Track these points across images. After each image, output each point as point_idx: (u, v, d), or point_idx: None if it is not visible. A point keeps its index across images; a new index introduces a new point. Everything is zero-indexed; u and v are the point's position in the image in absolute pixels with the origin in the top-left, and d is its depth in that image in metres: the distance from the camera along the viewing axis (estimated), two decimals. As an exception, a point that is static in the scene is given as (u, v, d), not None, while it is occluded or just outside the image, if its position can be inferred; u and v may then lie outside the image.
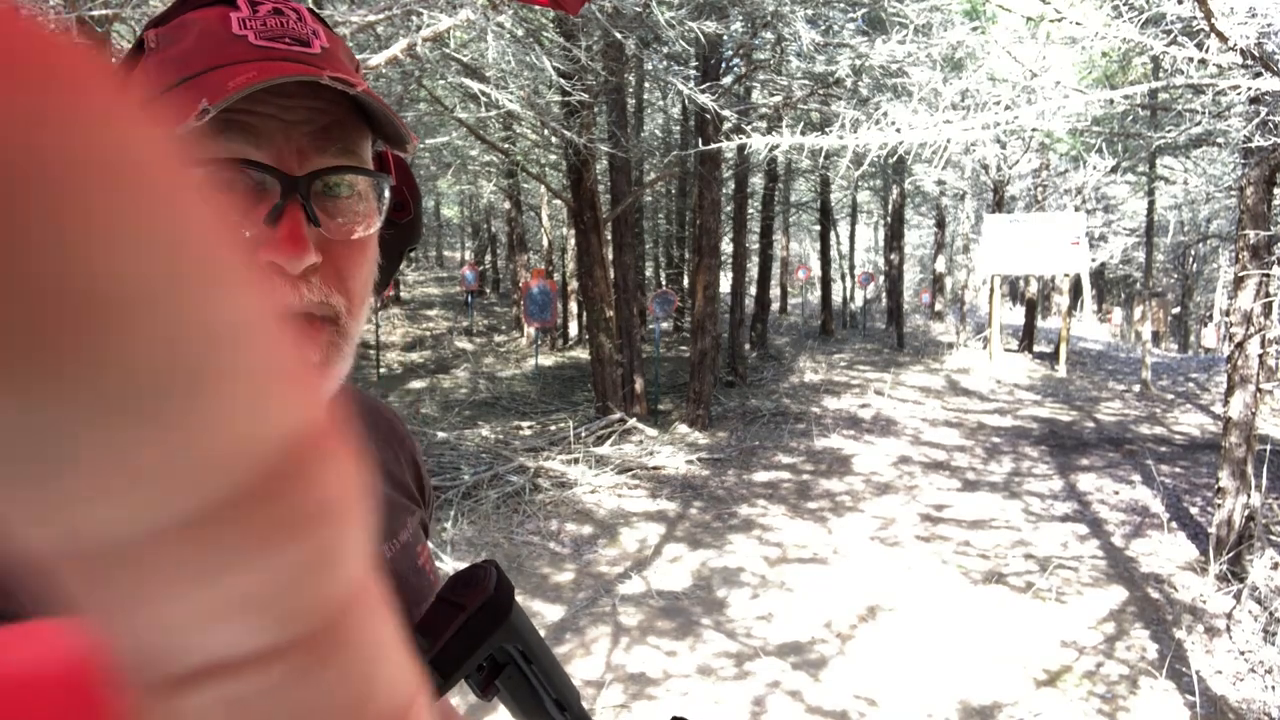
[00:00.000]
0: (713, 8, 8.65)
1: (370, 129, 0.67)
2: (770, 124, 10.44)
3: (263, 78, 0.58)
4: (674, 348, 16.94)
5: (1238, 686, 4.45)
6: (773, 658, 4.78)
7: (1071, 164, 16.57)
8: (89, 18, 3.52)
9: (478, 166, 16.25)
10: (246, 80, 0.58)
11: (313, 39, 0.66)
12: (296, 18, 0.66)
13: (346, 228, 0.66)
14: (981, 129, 5.09)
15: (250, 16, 0.64)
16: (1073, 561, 6.20)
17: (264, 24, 0.64)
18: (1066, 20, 5.23)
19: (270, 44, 0.63)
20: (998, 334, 16.14)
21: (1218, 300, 29.51)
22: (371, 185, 0.68)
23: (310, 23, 0.67)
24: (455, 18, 5.65)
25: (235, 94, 0.57)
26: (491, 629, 0.71)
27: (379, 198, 0.68)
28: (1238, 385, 5.78)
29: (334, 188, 0.65)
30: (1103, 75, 14.14)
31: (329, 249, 0.64)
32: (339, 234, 0.65)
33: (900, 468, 8.91)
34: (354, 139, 0.66)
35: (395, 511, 0.83)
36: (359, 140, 0.67)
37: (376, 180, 0.68)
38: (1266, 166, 5.78)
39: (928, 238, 29.80)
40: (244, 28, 0.63)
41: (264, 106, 0.61)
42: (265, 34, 0.64)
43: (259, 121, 0.61)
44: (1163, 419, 11.37)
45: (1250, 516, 5.75)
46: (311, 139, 0.63)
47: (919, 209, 25.75)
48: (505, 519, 6.98)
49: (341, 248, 0.66)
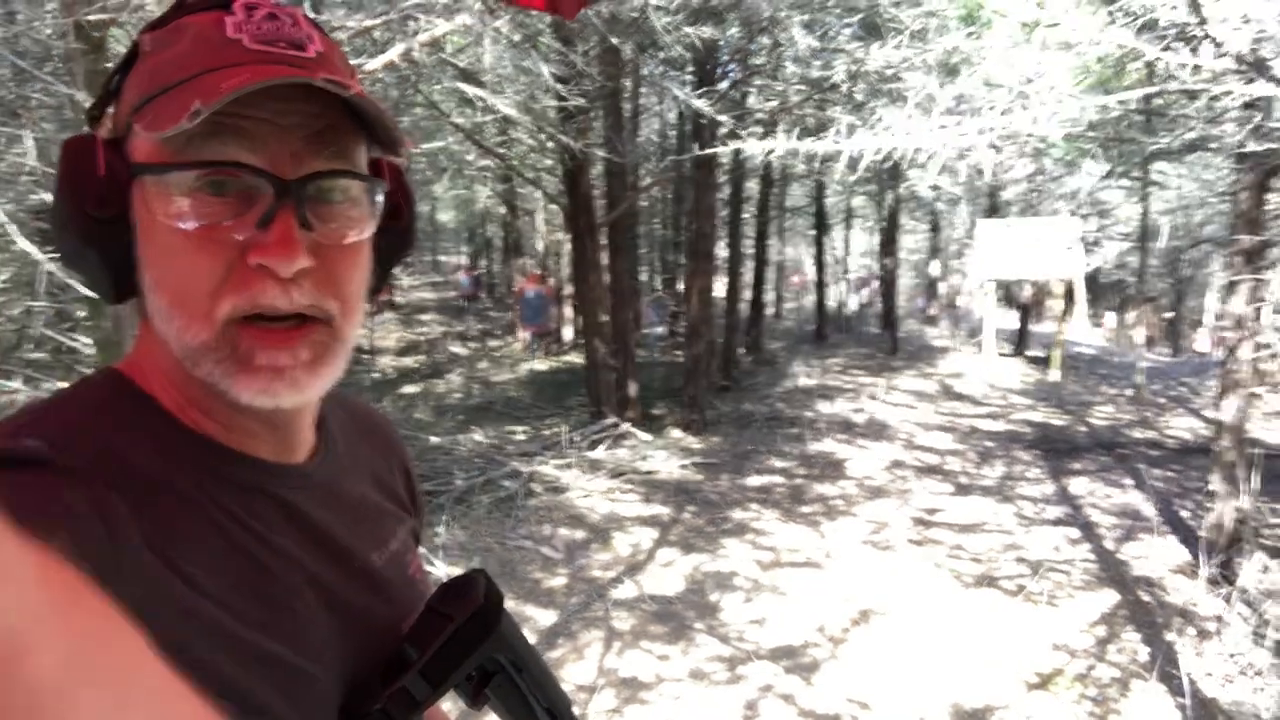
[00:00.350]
0: (709, 13, 8.66)
1: (365, 134, 0.67)
2: (766, 129, 10.43)
3: (257, 80, 0.59)
4: (668, 352, 16.94)
5: (1228, 689, 4.46)
6: (765, 662, 4.79)
7: (1066, 169, 16.61)
8: (85, 22, 3.52)
9: (473, 171, 16.22)
10: (239, 82, 0.58)
11: (308, 43, 0.66)
12: (291, 22, 0.66)
13: (339, 232, 0.66)
14: (976, 134, 5.11)
15: (245, 21, 0.64)
16: (1064, 565, 6.22)
17: (259, 28, 0.64)
18: (1062, 25, 5.26)
19: (265, 48, 0.64)
20: (991, 338, 16.17)
21: (1210, 305, 29.59)
22: (365, 190, 0.68)
23: (305, 27, 0.67)
24: (452, 23, 5.66)
25: (228, 95, 0.57)
26: (481, 639, 0.72)
27: (373, 203, 0.69)
28: (1230, 389, 5.81)
29: (327, 192, 0.65)
30: (1098, 80, 14.18)
31: (322, 254, 0.65)
32: (332, 239, 0.65)
33: (893, 472, 8.92)
34: (348, 143, 0.66)
35: (385, 520, 0.83)
36: (353, 145, 0.67)
37: (370, 185, 0.68)
38: (1260, 172, 5.80)
39: (922, 242, 29.85)
40: (238, 31, 0.64)
41: (257, 110, 0.61)
42: (260, 38, 0.64)
43: (252, 125, 0.61)
44: (1155, 423, 11.40)
45: (1241, 520, 5.77)
46: (305, 143, 0.64)
47: (914, 214, 25.78)
48: (498, 524, 6.98)
49: (334, 252, 0.66)
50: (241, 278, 0.62)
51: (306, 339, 0.65)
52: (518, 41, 8.26)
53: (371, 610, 0.75)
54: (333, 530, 0.74)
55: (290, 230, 0.62)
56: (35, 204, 5.45)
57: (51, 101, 5.94)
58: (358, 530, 0.77)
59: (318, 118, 0.64)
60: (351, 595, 0.73)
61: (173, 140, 0.60)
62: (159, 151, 0.62)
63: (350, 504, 0.78)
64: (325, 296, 0.65)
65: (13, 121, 5.09)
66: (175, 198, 0.61)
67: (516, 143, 12.94)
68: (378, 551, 0.79)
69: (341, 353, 0.68)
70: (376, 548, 0.79)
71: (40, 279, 5.20)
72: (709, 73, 10.07)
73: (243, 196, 0.62)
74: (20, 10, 5.57)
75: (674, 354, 16.34)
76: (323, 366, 0.66)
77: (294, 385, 0.64)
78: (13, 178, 5.22)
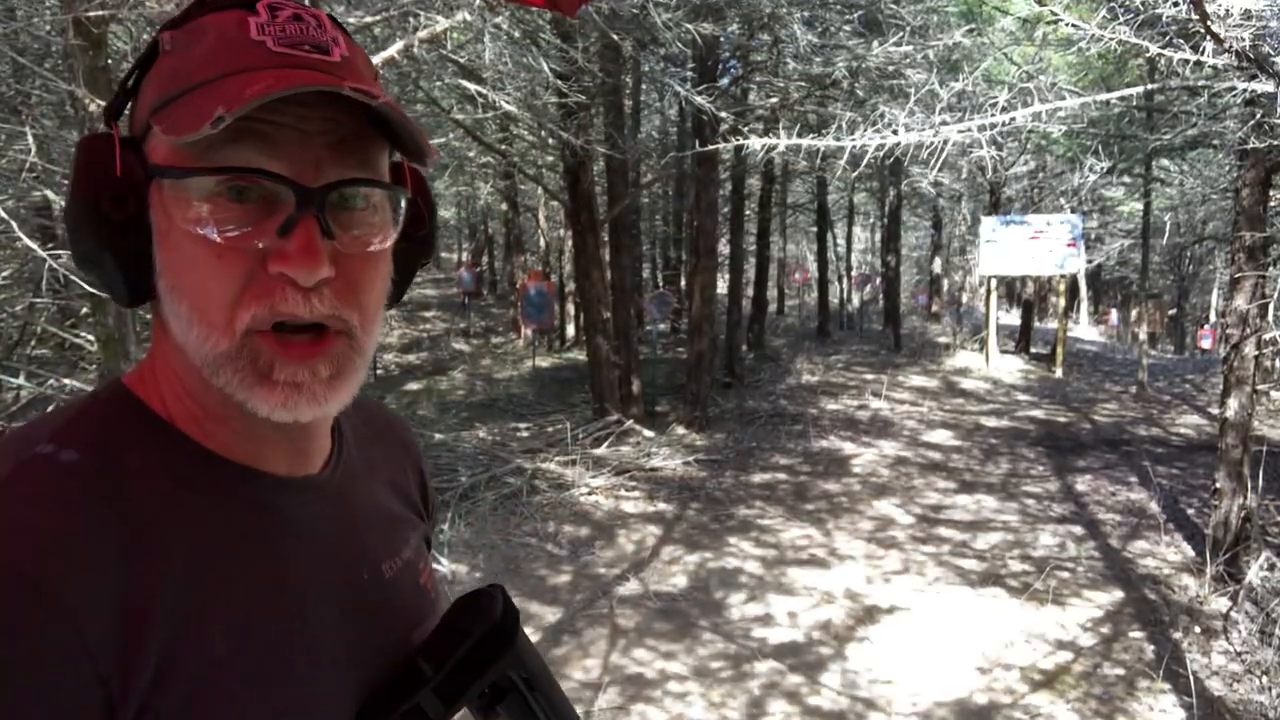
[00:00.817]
0: (710, 9, 8.65)
1: (388, 141, 0.66)
2: (767, 125, 10.42)
3: (281, 86, 0.57)
4: (671, 349, 16.93)
5: (1234, 688, 4.45)
6: (770, 659, 4.78)
7: (1068, 166, 16.59)
8: (85, 18, 3.51)
9: (475, 168, 16.24)
10: (265, 88, 0.57)
11: (332, 47, 0.64)
12: (316, 24, 0.65)
13: (361, 241, 0.65)
14: (978, 130, 5.09)
15: (269, 22, 0.63)
16: (1069, 563, 6.21)
17: (283, 30, 0.63)
18: (1063, 22, 5.24)
19: (289, 50, 0.62)
20: (994, 335, 16.14)
21: (1214, 302, 29.56)
22: (388, 198, 0.66)
23: (330, 30, 0.65)
24: (452, 19, 5.65)
25: (252, 102, 0.56)
26: (496, 657, 0.71)
27: (395, 211, 0.67)
28: (1234, 386, 5.79)
29: (350, 200, 0.64)
30: (1099, 77, 14.16)
31: (342, 262, 0.63)
32: (354, 247, 0.64)
33: (897, 469, 8.91)
34: (371, 151, 0.65)
35: (399, 528, 0.82)
36: (376, 152, 0.66)
37: (393, 193, 0.67)
38: (1262, 168, 5.78)
39: (924, 239, 29.81)
40: (262, 33, 0.62)
41: (281, 115, 0.60)
42: (284, 40, 0.62)
43: (276, 130, 0.60)
44: (1159, 420, 11.39)
45: (1247, 518, 5.76)
46: (328, 149, 0.62)
47: (915, 210, 25.74)
48: (502, 520, 6.98)
49: (355, 261, 0.64)
50: (262, 286, 0.61)
51: (327, 354, 0.63)
52: (518, 38, 8.25)
53: (381, 623, 0.74)
54: (345, 542, 0.73)
55: (312, 239, 0.60)
56: (37, 200, 5.44)
57: (52, 98, 5.93)
58: (370, 541, 0.76)
59: (342, 125, 0.62)
60: (361, 608, 0.72)
61: (193, 145, 0.58)
62: (179, 155, 0.60)
63: (364, 513, 0.77)
64: (345, 306, 0.64)
65: (13, 118, 5.09)
66: (194, 203, 0.60)
67: (517, 139, 12.94)
68: (389, 561, 0.77)
69: (361, 366, 0.67)
70: (389, 557, 0.78)
71: (43, 275, 5.19)
72: (710, 69, 10.05)
73: (264, 203, 0.61)
74: (20, 6, 5.56)
75: (677, 351, 16.33)
76: (342, 382, 0.65)
77: (313, 400, 0.63)
78: (14, 174, 5.21)
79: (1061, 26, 5.10)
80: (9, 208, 5.18)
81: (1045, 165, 18.16)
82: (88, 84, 3.59)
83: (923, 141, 5.09)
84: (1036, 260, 15.14)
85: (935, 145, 5.06)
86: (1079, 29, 5.10)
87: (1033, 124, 5.57)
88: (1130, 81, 12.40)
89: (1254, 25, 4.28)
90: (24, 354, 6.72)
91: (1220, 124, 9.39)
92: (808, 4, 9.69)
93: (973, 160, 13.88)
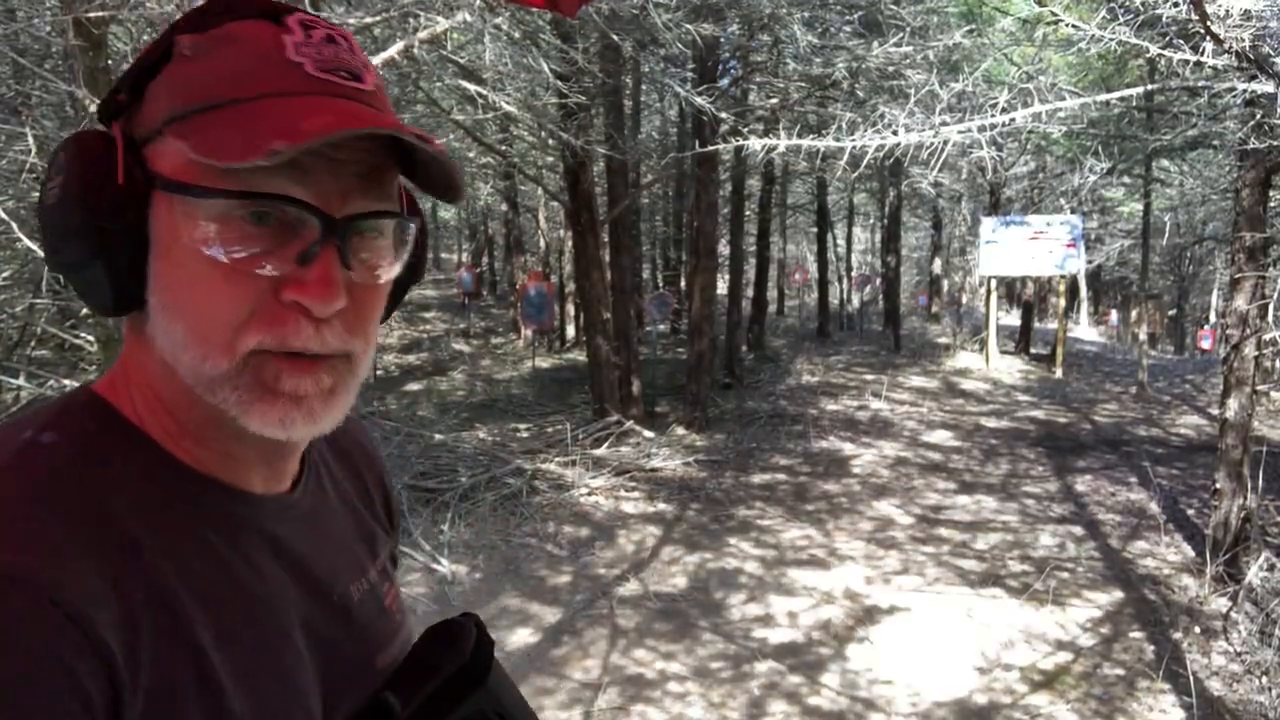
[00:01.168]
0: (710, 10, 8.65)
1: (404, 170, 0.65)
2: (767, 126, 10.43)
3: (343, 126, 0.56)
4: (671, 350, 16.93)
5: (1234, 688, 4.45)
6: (770, 659, 4.78)
7: (1068, 166, 16.60)
8: (85, 19, 3.51)
9: (475, 168, 16.23)
10: (324, 126, 0.55)
11: (364, 73, 0.63)
12: (348, 48, 0.63)
13: (373, 270, 0.64)
14: (978, 131, 5.09)
15: (304, 42, 0.61)
16: (1070, 563, 6.21)
17: (319, 53, 0.61)
18: (1063, 23, 5.25)
19: (328, 76, 0.60)
20: (994, 336, 16.14)
21: (1214, 302, 29.57)
22: (396, 225, 0.65)
23: (358, 53, 0.64)
24: (452, 20, 5.65)
25: (313, 140, 0.54)
26: (466, 694, 0.69)
27: (403, 240, 0.66)
28: (1234, 387, 5.79)
29: (369, 231, 0.63)
30: (1099, 77, 14.16)
31: (352, 291, 0.62)
32: (366, 277, 0.63)
33: (897, 469, 8.91)
34: (390, 180, 0.64)
35: (366, 547, 0.80)
36: (393, 180, 0.65)
37: (403, 222, 0.66)
38: (1262, 169, 5.79)
39: (924, 240, 29.81)
40: (299, 54, 0.60)
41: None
42: (322, 64, 0.60)
43: (307, 159, 0.57)
44: (1159, 421, 11.38)
45: (1247, 518, 5.76)
46: (358, 181, 0.61)
47: (915, 211, 25.75)
48: (502, 521, 6.98)
49: (364, 290, 0.63)
50: (272, 313, 0.59)
51: (330, 371, 0.62)
52: (518, 38, 8.25)
53: (346, 647, 0.72)
54: (314, 563, 0.71)
55: (332, 269, 0.59)
56: (38, 201, 5.43)
57: (52, 99, 5.94)
58: (338, 562, 0.75)
59: (373, 155, 0.61)
60: (331, 632, 0.70)
61: (231, 169, 0.55)
62: (201, 173, 0.57)
63: (332, 533, 0.76)
64: (354, 337, 0.63)
65: (13, 119, 5.09)
66: (203, 222, 0.57)
67: (517, 140, 12.94)
68: (356, 583, 0.75)
69: (355, 386, 0.66)
70: (355, 579, 0.76)
71: (43, 276, 5.20)
72: (710, 70, 10.05)
73: (284, 229, 0.59)
74: (20, 7, 5.57)
75: (677, 351, 16.34)
76: (337, 398, 0.63)
77: (310, 416, 0.61)
78: (14, 175, 5.22)
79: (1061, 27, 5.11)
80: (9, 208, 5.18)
81: (1045, 166, 18.17)
82: (88, 84, 3.60)
83: (923, 142, 5.09)
84: (1036, 261, 15.16)
85: (935, 146, 5.07)
86: (1079, 29, 5.11)
87: (1033, 124, 5.58)
88: (1130, 82, 12.41)
89: (1254, 25, 4.29)
90: (24, 354, 6.73)
91: (1220, 124, 9.40)
92: (808, 4, 9.70)
93: (973, 161, 13.88)
